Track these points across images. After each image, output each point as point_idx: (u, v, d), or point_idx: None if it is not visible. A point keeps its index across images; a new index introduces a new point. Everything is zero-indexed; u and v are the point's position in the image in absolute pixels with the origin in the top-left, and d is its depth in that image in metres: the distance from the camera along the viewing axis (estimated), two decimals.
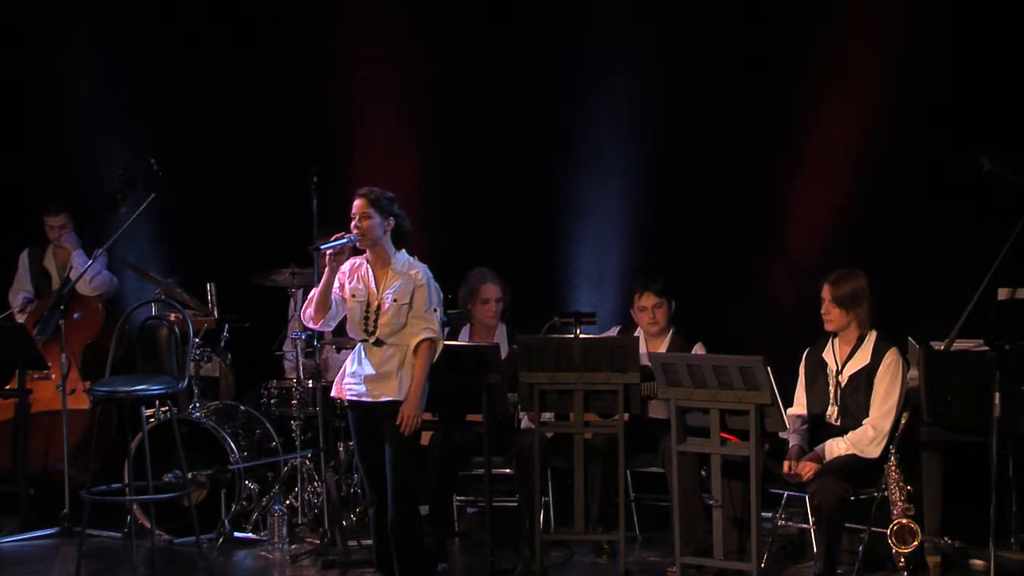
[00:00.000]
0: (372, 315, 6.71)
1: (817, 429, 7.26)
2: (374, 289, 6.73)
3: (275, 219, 9.03)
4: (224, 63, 9.40)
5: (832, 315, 7.22)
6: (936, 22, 8.56)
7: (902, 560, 6.92)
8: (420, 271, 6.74)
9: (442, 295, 6.84)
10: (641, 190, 9.14)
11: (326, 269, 6.74)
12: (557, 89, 9.23)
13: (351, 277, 6.79)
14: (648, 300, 7.91)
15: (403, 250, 6.79)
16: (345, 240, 6.72)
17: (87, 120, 9.52)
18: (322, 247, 6.77)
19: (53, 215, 9.07)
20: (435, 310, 6.71)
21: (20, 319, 9.00)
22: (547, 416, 7.50)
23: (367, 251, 6.77)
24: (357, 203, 6.71)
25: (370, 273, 6.76)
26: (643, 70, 9.06)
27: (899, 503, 6.89)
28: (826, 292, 7.22)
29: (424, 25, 9.34)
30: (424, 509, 7.52)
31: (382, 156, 9.30)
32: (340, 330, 7.16)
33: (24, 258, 9.21)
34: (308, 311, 6.81)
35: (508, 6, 9.27)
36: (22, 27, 9.59)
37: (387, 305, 6.67)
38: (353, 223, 6.70)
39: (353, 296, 6.75)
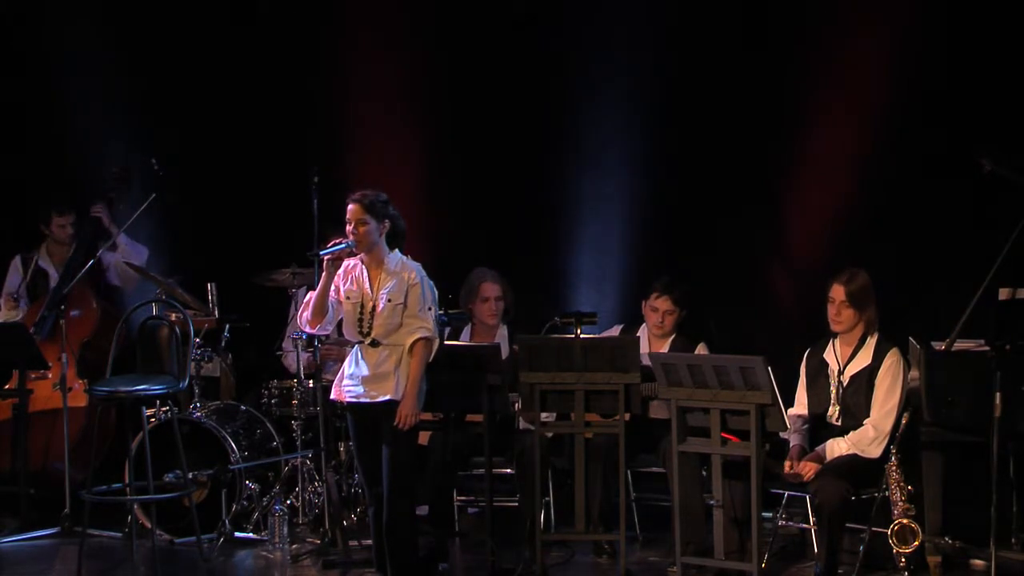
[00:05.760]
0: (367, 316, 6.70)
1: (818, 429, 7.26)
2: (368, 290, 6.72)
3: (275, 219, 9.03)
4: (224, 63, 9.40)
5: (843, 316, 7.17)
6: (937, 21, 8.56)
7: (903, 560, 6.92)
8: (413, 270, 6.73)
9: (436, 293, 6.83)
10: (642, 190, 9.15)
11: (324, 274, 6.73)
12: (558, 89, 9.23)
13: (345, 279, 6.79)
14: (662, 304, 7.87)
15: (396, 250, 6.77)
16: (343, 246, 6.71)
17: (87, 120, 9.51)
18: (321, 253, 6.77)
19: (64, 215, 9.06)
20: (430, 308, 6.71)
21: (4, 311, 8.96)
22: (548, 416, 7.51)
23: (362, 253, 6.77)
24: (351, 208, 6.69)
25: (364, 274, 6.76)
26: (644, 70, 9.06)
27: (900, 503, 6.89)
28: (838, 292, 7.16)
29: (424, 25, 9.34)
30: (424, 509, 7.54)
31: (382, 156, 9.30)
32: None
33: (17, 263, 9.15)
34: (305, 315, 6.81)
35: (509, 6, 9.27)
36: (22, 27, 9.59)
37: (382, 306, 6.67)
38: (349, 228, 6.70)
39: (348, 298, 6.75)
